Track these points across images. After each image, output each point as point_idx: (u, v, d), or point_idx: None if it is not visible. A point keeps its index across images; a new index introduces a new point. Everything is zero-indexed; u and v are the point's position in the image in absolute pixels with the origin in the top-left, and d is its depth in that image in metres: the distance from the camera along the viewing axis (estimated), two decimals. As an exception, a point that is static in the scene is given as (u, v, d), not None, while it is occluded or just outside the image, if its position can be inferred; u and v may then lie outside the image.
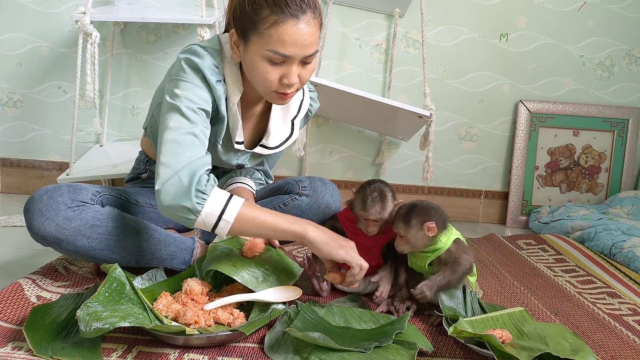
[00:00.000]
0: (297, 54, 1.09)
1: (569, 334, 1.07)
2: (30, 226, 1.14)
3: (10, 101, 2.15)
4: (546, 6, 2.17)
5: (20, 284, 1.21)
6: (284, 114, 1.29)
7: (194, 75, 1.12)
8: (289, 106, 1.29)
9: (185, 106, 1.09)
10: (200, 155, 1.07)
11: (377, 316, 1.15)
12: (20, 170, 2.19)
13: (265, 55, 1.09)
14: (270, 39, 1.07)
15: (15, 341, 0.98)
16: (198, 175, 1.03)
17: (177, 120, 1.08)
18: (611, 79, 2.23)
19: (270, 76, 1.11)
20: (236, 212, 1.05)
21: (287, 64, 1.11)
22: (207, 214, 1.04)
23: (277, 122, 1.29)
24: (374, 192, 1.20)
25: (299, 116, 1.31)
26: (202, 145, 1.09)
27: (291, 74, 1.11)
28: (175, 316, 1.06)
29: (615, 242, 1.76)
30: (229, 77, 1.17)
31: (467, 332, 1.03)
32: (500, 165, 2.28)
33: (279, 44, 1.07)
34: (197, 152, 1.07)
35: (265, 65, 1.10)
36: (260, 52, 1.09)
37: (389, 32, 2.15)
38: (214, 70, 1.14)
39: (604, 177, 2.26)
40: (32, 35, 2.10)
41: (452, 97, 2.21)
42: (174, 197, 1.02)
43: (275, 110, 1.28)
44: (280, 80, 1.11)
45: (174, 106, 1.09)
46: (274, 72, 1.11)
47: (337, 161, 2.25)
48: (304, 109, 1.32)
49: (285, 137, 1.31)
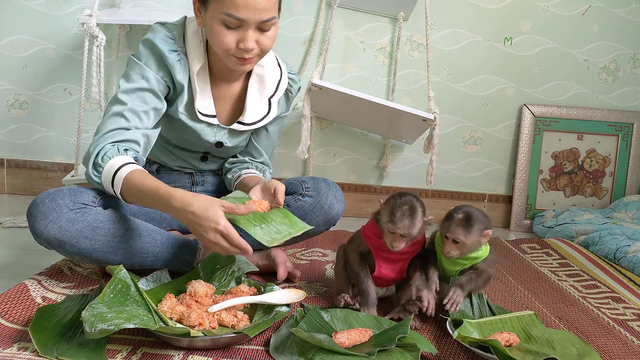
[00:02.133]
0: (250, 18, 1.15)
1: (576, 340, 1.07)
2: (34, 229, 1.15)
3: (17, 103, 2.16)
4: (550, 10, 2.17)
5: (25, 284, 1.21)
6: (260, 92, 1.35)
7: (145, 52, 1.23)
8: (265, 84, 1.34)
9: (122, 91, 1.21)
10: (115, 128, 1.17)
11: (380, 321, 1.15)
12: (25, 171, 2.20)
13: (220, 18, 1.16)
14: (225, 1, 1.14)
15: (20, 342, 0.98)
16: (100, 147, 1.14)
17: (111, 104, 1.21)
18: (616, 83, 2.23)
19: (227, 39, 1.17)
20: (123, 177, 1.12)
21: (243, 29, 1.17)
22: (105, 183, 1.14)
23: (254, 99, 1.34)
24: (404, 205, 1.11)
25: (277, 95, 1.36)
26: (128, 120, 1.18)
27: (247, 39, 1.17)
28: (180, 318, 1.06)
29: (620, 247, 1.75)
30: (190, 48, 1.25)
31: (472, 338, 1.03)
32: (504, 169, 2.28)
33: (233, 6, 1.13)
34: (116, 126, 1.17)
35: (222, 28, 1.17)
36: (216, 15, 1.16)
37: (393, 36, 2.15)
38: (167, 41, 1.23)
39: (609, 181, 2.26)
40: (38, 37, 2.11)
41: (456, 101, 2.21)
42: (85, 167, 1.18)
43: (252, 88, 1.34)
44: (238, 44, 1.18)
45: (114, 95, 1.22)
46: (231, 36, 1.17)
47: (341, 164, 2.25)
48: (281, 88, 1.37)
49: (263, 115, 1.35)
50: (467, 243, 1.14)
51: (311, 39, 2.14)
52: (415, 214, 1.12)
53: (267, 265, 1.38)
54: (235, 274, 1.24)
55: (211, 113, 1.30)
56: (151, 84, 1.22)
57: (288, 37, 2.14)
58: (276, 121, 1.43)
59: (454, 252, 1.15)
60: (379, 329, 1.10)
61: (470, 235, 1.14)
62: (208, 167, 1.46)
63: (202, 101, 1.28)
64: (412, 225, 1.12)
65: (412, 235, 1.13)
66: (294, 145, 1.92)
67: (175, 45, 1.25)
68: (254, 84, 1.34)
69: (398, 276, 1.22)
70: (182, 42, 1.26)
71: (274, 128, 1.45)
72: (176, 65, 1.24)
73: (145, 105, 1.21)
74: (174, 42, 1.25)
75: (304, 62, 2.14)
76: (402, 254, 1.19)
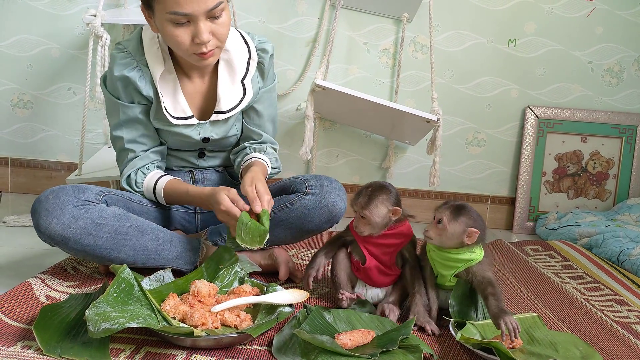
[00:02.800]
0: (196, 10, 1.13)
1: (580, 343, 1.07)
2: (38, 226, 1.16)
3: (21, 102, 2.17)
4: (555, 12, 2.16)
5: (29, 283, 1.22)
6: (231, 77, 1.32)
7: (111, 85, 1.28)
8: (235, 68, 1.32)
9: (112, 128, 1.31)
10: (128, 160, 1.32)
11: (383, 322, 1.15)
12: (29, 170, 2.21)
13: (168, 18, 1.14)
14: (166, 1, 1.12)
15: (24, 340, 0.99)
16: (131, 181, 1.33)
17: (113, 143, 1.35)
18: (620, 86, 2.22)
19: (181, 38, 1.16)
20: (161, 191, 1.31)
21: (193, 23, 1.15)
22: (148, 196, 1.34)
23: (225, 85, 1.32)
24: (369, 188, 1.18)
25: (249, 76, 1.33)
26: (133, 151, 1.31)
27: (200, 32, 1.14)
28: (183, 317, 1.06)
29: (624, 250, 1.75)
30: (149, 57, 1.25)
31: (474, 340, 1.03)
32: (507, 171, 2.27)
33: (175, 4, 1.12)
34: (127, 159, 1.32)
35: (172, 28, 1.15)
36: (163, 16, 1.15)
37: (397, 37, 2.15)
38: (122, 64, 1.25)
39: (612, 183, 2.25)
40: (43, 37, 2.12)
41: (460, 102, 2.21)
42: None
43: (221, 75, 1.32)
44: (193, 40, 1.16)
45: (110, 132, 1.34)
46: (184, 34, 1.15)
47: (344, 165, 2.25)
48: (252, 67, 1.34)
49: (239, 99, 1.33)
50: (448, 228, 1.11)
51: (315, 39, 2.14)
52: (375, 196, 1.15)
53: (270, 265, 1.39)
54: (238, 274, 1.24)
55: (186, 115, 1.30)
56: (132, 113, 1.28)
57: (292, 38, 2.14)
58: (263, 96, 1.39)
59: (433, 233, 1.13)
60: (382, 330, 1.10)
61: (454, 223, 1.11)
62: (207, 163, 1.45)
63: (173, 105, 1.28)
64: (368, 205, 1.15)
65: (371, 218, 1.15)
66: (297, 145, 1.92)
67: (133, 61, 1.25)
68: (223, 70, 1.31)
69: (389, 271, 1.22)
70: (140, 54, 1.25)
71: (263, 105, 1.40)
72: (139, 82, 1.25)
73: (137, 131, 1.30)
74: (130, 58, 1.25)
75: (308, 62, 2.15)
76: (387, 246, 1.20)
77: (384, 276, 1.23)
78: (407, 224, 1.22)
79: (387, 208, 1.16)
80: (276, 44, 2.13)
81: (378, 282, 1.24)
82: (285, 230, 1.35)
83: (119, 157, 1.35)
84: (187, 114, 1.30)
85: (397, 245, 1.22)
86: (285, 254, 1.40)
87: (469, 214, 1.13)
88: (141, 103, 1.29)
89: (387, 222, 1.18)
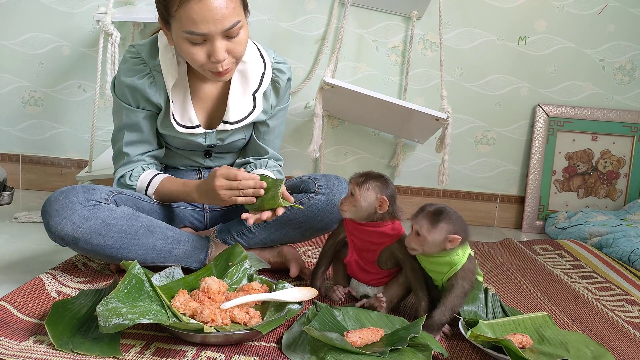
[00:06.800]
0: (212, 30, 1.12)
1: (591, 342, 1.06)
2: (48, 227, 1.17)
3: (32, 99, 2.19)
4: (566, 9, 2.14)
5: (41, 279, 1.23)
6: (243, 88, 1.31)
7: (119, 89, 1.27)
8: (248, 80, 1.31)
9: (116, 129, 1.32)
10: (122, 164, 1.32)
11: (392, 320, 1.14)
12: (40, 167, 2.23)
13: (184, 37, 1.13)
14: (182, 20, 1.11)
15: (36, 335, 0.99)
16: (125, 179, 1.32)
17: (113, 143, 1.35)
18: (632, 84, 2.20)
19: (197, 56, 1.15)
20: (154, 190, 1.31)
21: (209, 42, 1.14)
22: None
23: (237, 96, 1.31)
24: (370, 172, 1.17)
25: (261, 90, 1.32)
26: (129, 155, 1.31)
27: (216, 51, 1.14)
28: (193, 314, 1.07)
29: (635, 249, 1.73)
30: (163, 63, 1.24)
31: (485, 337, 1.02)
32: (517, 170, 2.26)
33: (191, 23, 1.11)
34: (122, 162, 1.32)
35: (189, 46, 1.15)
36: (180, 35, 1.14)
37: (406, 34, 2.14)
38: (133, 70, 1.24)
39: (623, 182, 2.23)
40: (54, 34, 2.13)
41: (469, 100, 2.20)
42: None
43: (234, 85, 1.31)
44: (209, 58, 1.15)
45: (113, 132, 1.35)
46: (200, 52, 1.15)
47: (352, 163, 2.25)
48: (265, 81, 1.32)
49: (248, 111, 1.32)
50: (428, 239, 1.07)
51: (324, 37, 2.14)
52: (371, 180, 1.15)
53: (279, 263, 1.39)
54: (247, 272, 1.25)
55: (192, 124, 1.29)
56: (136, 117, 1.28)
57: (301, 36, 2.14)
58: (277, 114, 1.39)
59: (415, 245, 1.09)
60: (391, 329, 1.10)
61: (434, 231, 1.07)
62: (214, 163, 1.44)
63: (181, 113, 1.28)
64: (362, 185, 1.14)
65: (359, 198, 1.14)
66: (306, 143, 1.92)
67: (145, 68, 1.24)
68: (237, 81, 1.30)
69: (369, 269, 1.21)
70: (154, 60, 1.24)
71: (276, 122, 1.41)
72: (148, 89, 1.25)
73: (138, 135, 1.30)
74: (143, 65, 1.24)
75: (317, 60, 2.14)
76: (369, 243, 1.19)
77: (364, 273, 1.23)
78: (397, 225, 1.19)
79: (377, 195, 1.15)
80: (285, 41, 2.13)
81: (360, 277, 1.24)
82: (295, 229, 1.35)
83: (116, 157, 1.35)
84: (193, 123, 1.29)
85: (379, 244, 1.19)
86: (294, 251, 1.40)
87: (447, 219, 1.08)
88: (146, 109, 1.29)
89: (372, 211, 1.16)
